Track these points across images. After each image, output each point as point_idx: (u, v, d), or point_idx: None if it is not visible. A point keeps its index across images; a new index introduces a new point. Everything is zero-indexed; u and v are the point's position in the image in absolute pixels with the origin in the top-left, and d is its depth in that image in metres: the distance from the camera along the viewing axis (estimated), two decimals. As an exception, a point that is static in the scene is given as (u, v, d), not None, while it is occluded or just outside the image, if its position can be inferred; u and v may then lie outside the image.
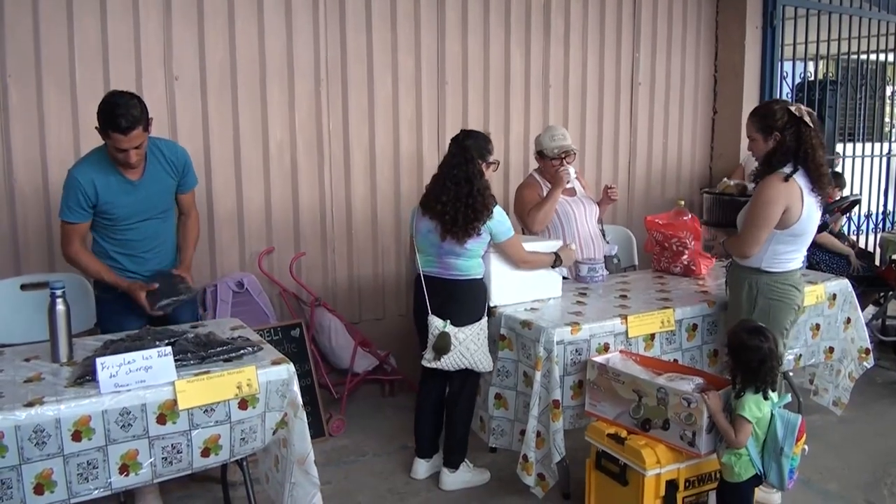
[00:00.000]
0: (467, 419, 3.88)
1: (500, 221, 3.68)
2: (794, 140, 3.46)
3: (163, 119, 4.40)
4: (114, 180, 3.40)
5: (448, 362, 3.67)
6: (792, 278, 3.61)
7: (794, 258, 3.61)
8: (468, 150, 3.65)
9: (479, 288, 3.77)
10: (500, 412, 3.76)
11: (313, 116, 4.91)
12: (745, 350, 3.02)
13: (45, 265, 4.21)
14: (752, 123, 3.62)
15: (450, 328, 3.65)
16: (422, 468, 3.97)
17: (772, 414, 3.00)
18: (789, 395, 3.25)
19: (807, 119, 3.44)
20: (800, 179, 3.45)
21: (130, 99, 3.25)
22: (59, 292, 2.91)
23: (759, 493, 3.27)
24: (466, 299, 3.73)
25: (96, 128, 3.27)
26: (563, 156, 4.40)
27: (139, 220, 3.50)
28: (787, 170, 3.45)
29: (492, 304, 3.85)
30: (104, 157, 3.40)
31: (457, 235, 3.59)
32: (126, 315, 3.49)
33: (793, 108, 3.47)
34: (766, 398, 2.99)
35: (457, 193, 3.59)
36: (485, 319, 3.76)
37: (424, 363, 3.74)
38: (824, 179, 3.47)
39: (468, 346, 3.67)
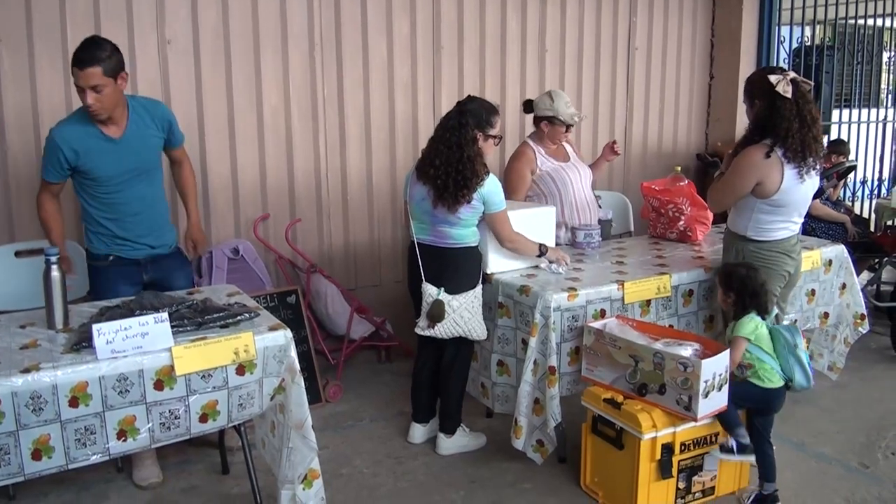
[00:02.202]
0: (462, 385, 3.89)
1: (494, 192, 3.61)
2: (767, 110, 3.46)
3: (156, 84, 4.36)
4: (94, 139, 3.35)
5: (442, 330, 3.66)
6: (781, 246, 3.62)
7: (781, 227, 3.61)
8: (465, 114, 3.57)
9: (473, 256, 3.74)
10: (502, 378, 3.76)
11: (307, 81, 4.86)
12: (748, 280, 3.35)
13: (38, 232, 4.15)
14: (744, 90, 3.65)
15: (444, 296, 3.63)
16: (418, 433, 3.99)
17: (770, 328, 3.34)
18: (776, 310, 3.39)
19: (780, 90, 3.39)
20: (780, 151, 3.45)
21: (103, 42, 3.24)
22: (53, 259, 2.90)
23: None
24: (461, 267, 3.69)
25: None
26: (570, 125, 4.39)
27: (122, 180, 3.43)
28: (769, 141, 3.46)
29: (488, 272, 3.83)
30: (84, 115, 3.35)
31: (447, 203, 3.53)
32: (119, 283, 3.48)
33: (772, 78, 3.42)
34: (764, 318, 3.33)
35: (448, 158, 3.51)
36: (479, 287, 3.74)
37: (418, 331, 3.73)
38: (789, 152, 3.42)
39: (462, 315, 3.65)
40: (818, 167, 3.56)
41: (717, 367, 3.10)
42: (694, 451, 3.27)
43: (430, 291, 3.65)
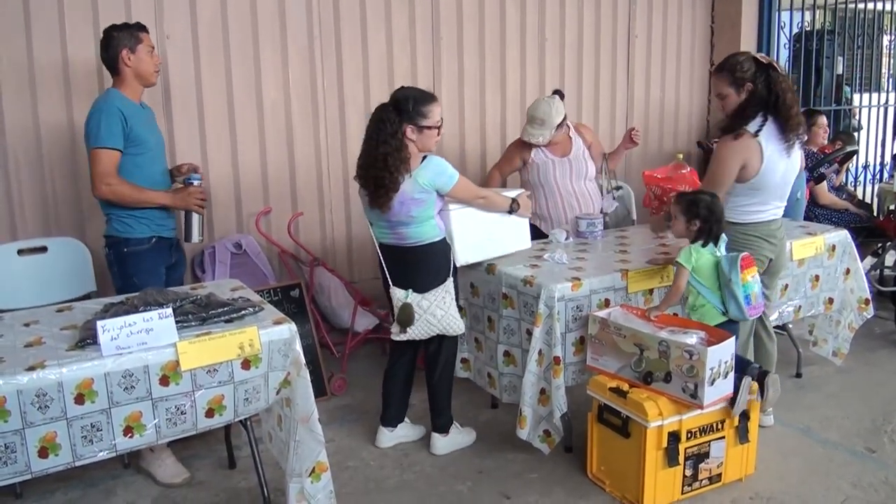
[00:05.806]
0: (449, 380, 3.80)
1: (437, 172, 3.42)
2: (766, 87, 3.45)
3: (155, 79, 4.35)
4: (131, 105, 3.49)
5: (416, 332, 3.55)
6: (759, 229, 3.60)
7: (760, 210, 3.59)
8: (386, 109, 3.38)
9: (438, 251, 3.56)
10: (509, 369, 3.75)
11: (307, 75, 4.86)
12: (714, 206, 3.37)
13: (41, 230, 4.19)
14: (721, 80, 3.56)
15: (412, 297, 3.51)
16: (385, 438, 3.85)
17: (716, 259, 3.36)
18: (724, 238, 3.41)
19: (775, 65, 3.46)
20: (764, 131, 3.43)
21: None
22: (196, 182, 3.61)
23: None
24: (426, 264, 3.55)
25: (123, 50, 3.45)
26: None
27: (156, 142, 3.63)
28: (753, 128, 3.44)
29: (458, 265, 3.70)
30: (118, 93, 3.49)
31: (379, 204, 3.39)
32: (160, 263, 3.63)
33: (759, 57, 3.48)
34: (705, 246, 3.37)
35: (369, 157, 3.39)
36: (450, 281, 3.60)
37: (393, 337, 3.60)
38: (793, 122, 3.44)
39: (434, 313, 3.54)
40: (797, 145, 3.56)
41: (722, 354, 3.10)
42: (700, 438, 3.26)
43: (398, 296, 3.53)
